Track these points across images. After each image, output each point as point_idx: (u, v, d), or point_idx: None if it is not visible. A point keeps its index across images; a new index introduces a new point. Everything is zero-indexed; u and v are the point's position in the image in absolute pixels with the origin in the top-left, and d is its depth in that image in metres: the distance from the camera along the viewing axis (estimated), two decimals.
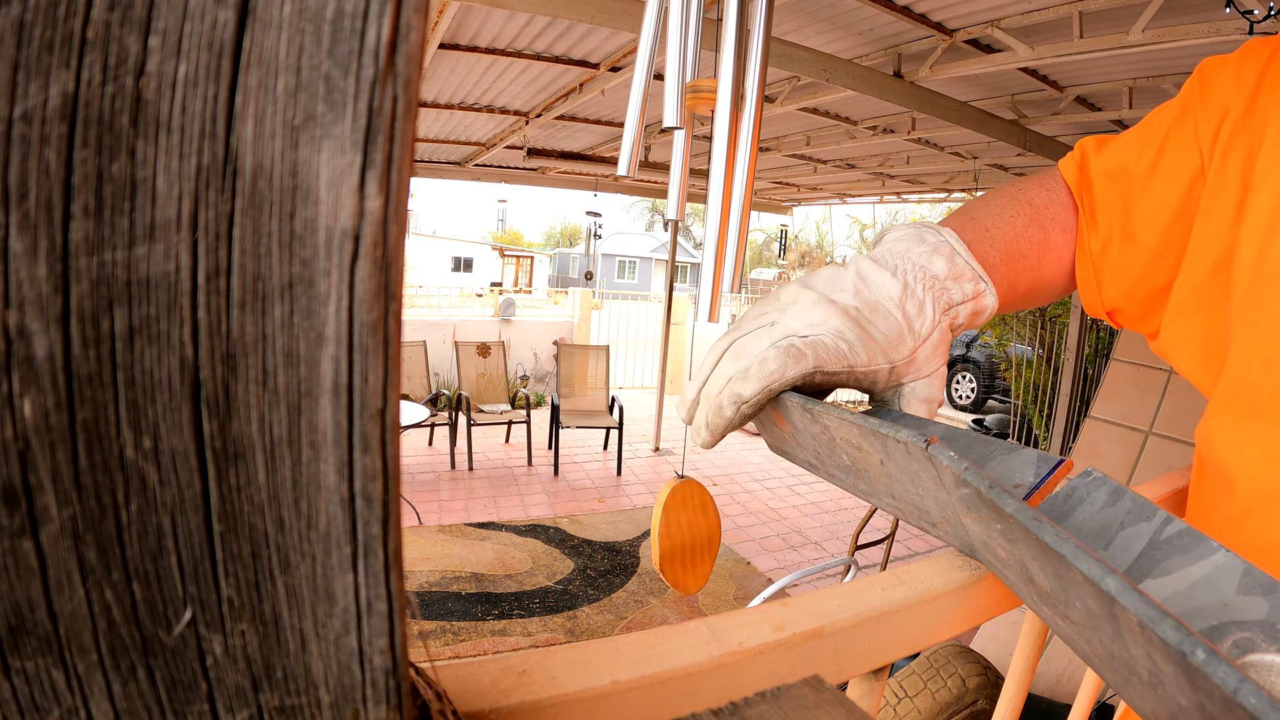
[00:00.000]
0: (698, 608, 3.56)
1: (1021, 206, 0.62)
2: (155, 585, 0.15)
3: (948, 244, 0.54)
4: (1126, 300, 0.61)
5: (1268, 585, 0.27)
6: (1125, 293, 0.61)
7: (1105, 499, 0.35)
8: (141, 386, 0.14)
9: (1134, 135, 0.61)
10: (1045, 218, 0.62)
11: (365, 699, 0.17)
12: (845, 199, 8.48)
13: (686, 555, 0.58)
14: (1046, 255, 0.62)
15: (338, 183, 0.14)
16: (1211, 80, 0.56)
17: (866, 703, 0.35)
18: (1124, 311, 0.62)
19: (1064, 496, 0.36)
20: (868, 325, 0.49)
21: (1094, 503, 0.35)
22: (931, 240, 0.54)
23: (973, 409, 8.91)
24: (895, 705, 1.84)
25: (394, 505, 0.16)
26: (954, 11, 2.88)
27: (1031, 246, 0.60)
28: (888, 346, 0.50)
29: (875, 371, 0.49)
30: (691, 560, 0.58)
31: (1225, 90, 0.54)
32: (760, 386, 0.45)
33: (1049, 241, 0.62)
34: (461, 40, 3.52)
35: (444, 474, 5.29)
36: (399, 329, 0.15)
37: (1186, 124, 0.57)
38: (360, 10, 0.13)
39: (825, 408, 0.41)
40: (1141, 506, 0.33)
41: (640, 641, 0.27)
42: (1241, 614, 0.27)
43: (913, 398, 0.51)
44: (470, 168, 6.93)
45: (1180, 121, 0.58)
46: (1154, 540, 0.31)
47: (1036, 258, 0.60)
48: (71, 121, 0.13)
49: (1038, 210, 0.62)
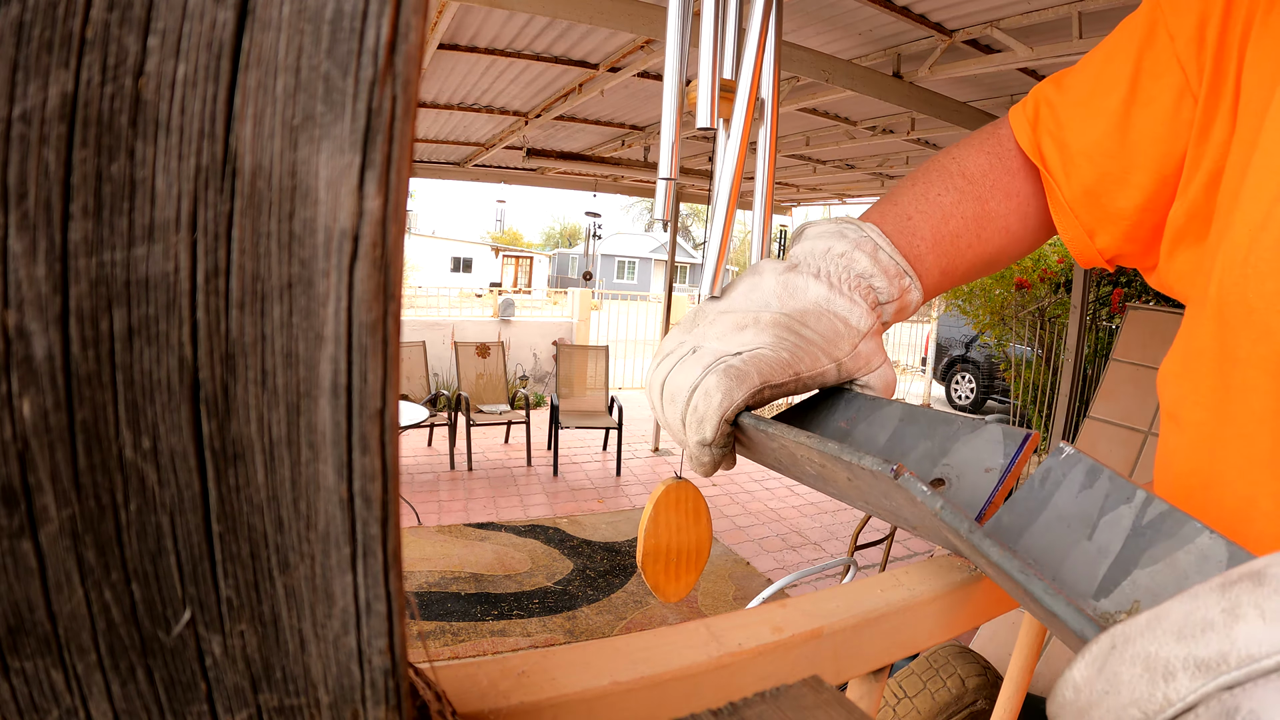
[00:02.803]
0: (697, 609, 3.56)
1: (952, 180, 0.58)
2: (154, 585, 0.15)
3: (869, 239, 0.52)
4: (1128, 244, 0.56)
5: None
6: (1125, 236, 0.56)
7: (1082, 480, 0.34)
8: (140, 387, 0.14)
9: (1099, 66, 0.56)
10: (981, 188, 0.58)
11: (364, 699, 0.17)
12: (844, 199, 8.48)
13: (671, 560, 0.57)
14: (987, 227, 0.58)
15: (337, 183, 0.14)
16: None
17: (866, 703, 0.35)
18: (1127, 255, 0.58)
19: (1040, 480, 0.36)
20: (801, 329, 0.48)
21: (1072, 484, 0.34)
22: (852, 236, 0.52)
23: (972, 409, 8.91)
24: (895, 706, 1.84)
25: (393, 506, 0.16)
26: (953, 12, 2.88)
27: (965, 224, 0.57)
28: (828, 345, 0.48)
29: (823, 373, 0.47)
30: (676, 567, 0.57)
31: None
32: (716, 421, 0.43)
33: (987, 212, 0.58)
34: (461, 40, 3.52)
35: (443, 474, 5.28)
36: (398, 329, 0.15)
37: (1158, 40, 0.52)
38: (359, 10, 0.13)
39: (781, 430, 0.40)
40: (1119, 487, 0.33)
41: (639, 642, 0.27)
42: None
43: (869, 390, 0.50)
44: (469, 168, 6.93)
45: (1150, 39, 0.52)
46: (1137, 526, 0.31)
47: (974, 234, 0.57)
48: (71, 121, 0.13)
49: (971, 181, 0.58)
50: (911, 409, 0.44)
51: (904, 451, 0.43)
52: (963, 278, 0.59)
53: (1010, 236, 0.59)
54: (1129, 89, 0.53)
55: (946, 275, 0.57)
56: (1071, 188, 0.56)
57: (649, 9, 2.73)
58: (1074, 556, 0.32)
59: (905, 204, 0.56)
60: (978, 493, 0.38)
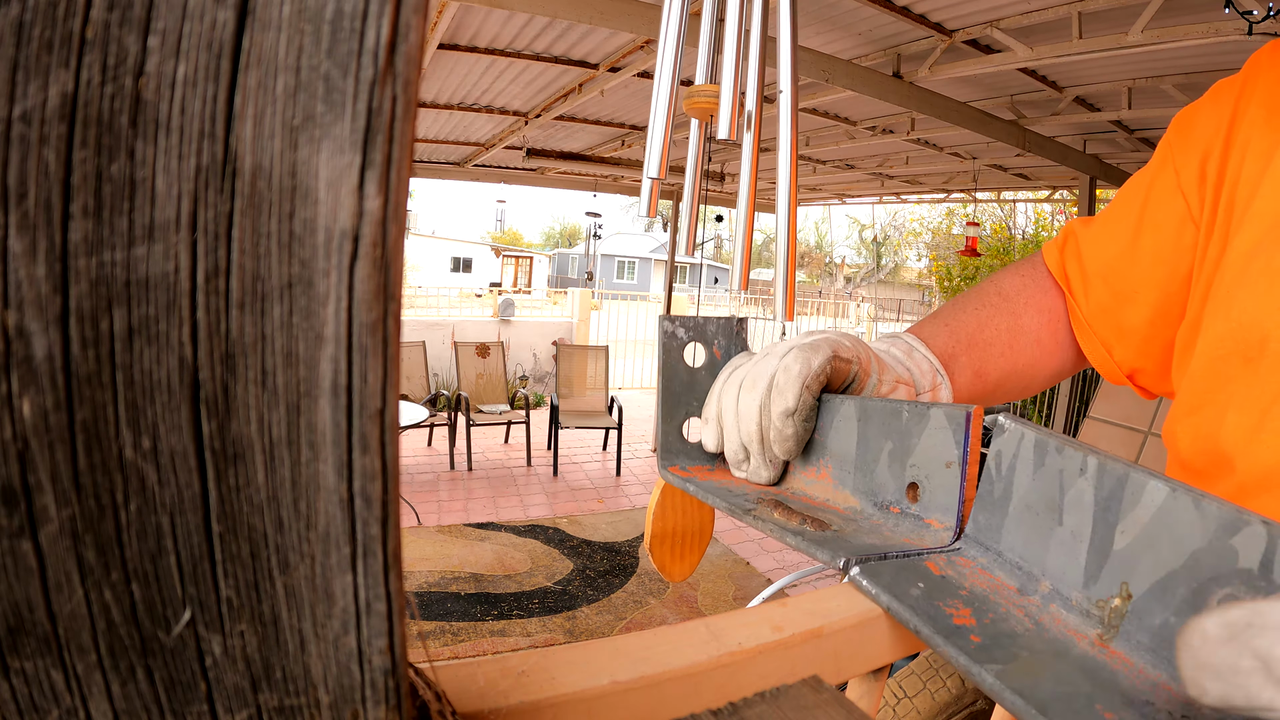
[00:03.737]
0: (697, 608, 3.56)
1: (989, 298, 0.64)
2: (154, 585, 0.15)
3: (905, 341, 0.56)
4: (1142, 359, 0.61)
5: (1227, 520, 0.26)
6: (1139, 351, 0.61)
7: (1033, 459, 0.34)
8: (141, 387, 0.14)
9: (1117, 200, 0.62)
10: (1015, 304, 0.64)
11: (364, 699, 0.17)
12: (844, 199, 8.48)
13: (677, 541, 0.59)
14: (1019, 339, 0.63)
15: (337, 183, 0.14)
16: (1188, 126, 0.57)
17: (866, 703, 0.35)
18: (1144, 371, 0.63)
19: (996, 467, 0.36)
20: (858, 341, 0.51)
21: (1025, 465, 0.34)
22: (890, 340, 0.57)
23: None
24: (894, 706, 1.84)
25: (393, 505, 0.16)
26: (953, 12, 2.88)
27: (999, 333, 0.61)
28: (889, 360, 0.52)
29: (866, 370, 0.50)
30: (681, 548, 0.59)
31: (1204, 130, 0.55)
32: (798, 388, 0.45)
33: (1020, 326, 0.63)
34: (461, 40, 3.52)
35: (443, 474, 5.28)
36: (398, 329, 0.15)
37: (1166, 173, 0.58)
38: (359, 10, 0.13)
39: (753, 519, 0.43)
40: (1070, 460, 0.32)
41: (639, 642, 0.27)
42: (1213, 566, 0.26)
43: None
44: (469, 168, 6.93)
45: (1160, 172, 0.58)
46: (1099, 499, 0.30)
47: (1006, 343, 0.62)
48: (71, 121, 0.13)
49: (1006, 298, 0.64)
50: (863, 405, 0.45)
51: (873, 458, 0.43)
52: (996, 385, 0.62)
53: (1042, 349, 0.64)
54: (1139, 216, 0.59)
55: (979, 378, 0.60)
56: (1090, 305, 0.62)
57: (649, 9, 2.73)
58: (1053, 548, 0.32)
59: (943, 316, 0.62)
60: (949, 491, 0.38)
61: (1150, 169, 0.60)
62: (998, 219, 13.11)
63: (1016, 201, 10.21)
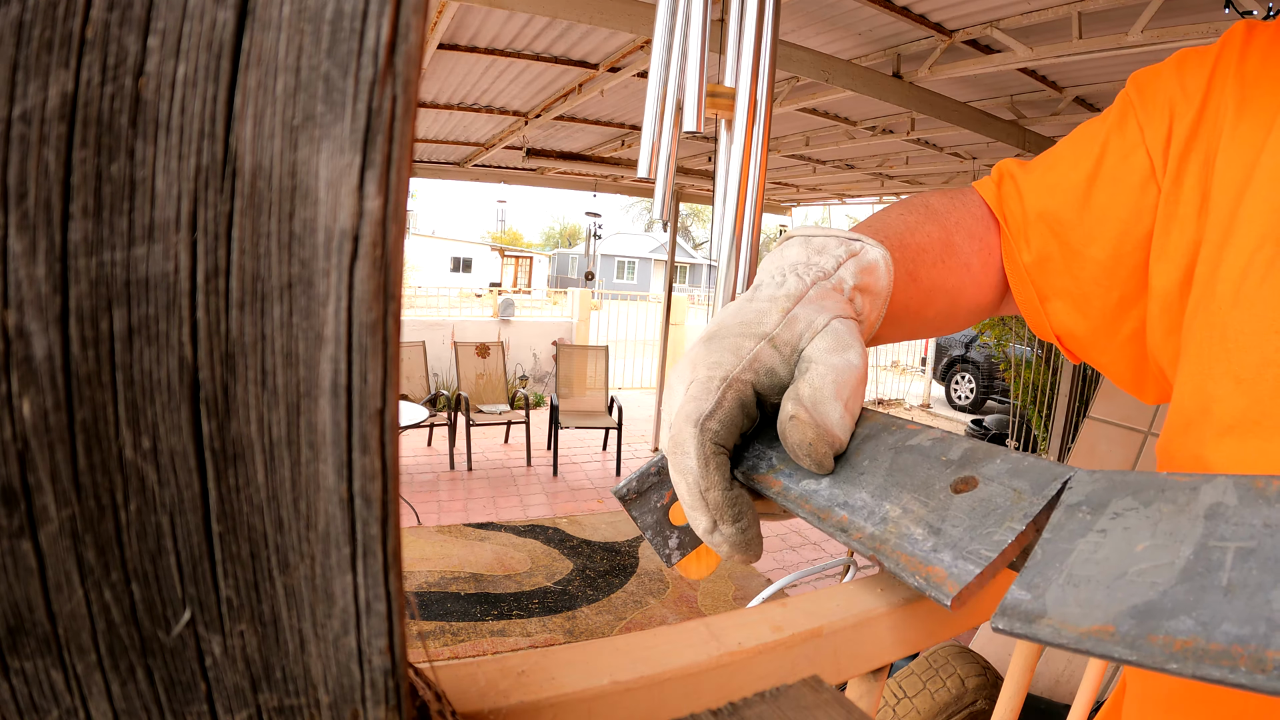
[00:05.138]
0: (697, 608, 3.56)
1: (915, 208, 0.57)
2: (154, 586, 0.15)
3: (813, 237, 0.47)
4: (1079, 322, 0.57)
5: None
6: (1078, 312, 0.56)
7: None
8: (140, 387, 0.14)
9: (1064, 148, 0.58)
10: (945, 220, 0.57)
11: (364, 699, 0.17)
12: (844, 199, 8.48)
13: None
14: (951, 256, 0.56)
15: (337, 183, 0.14)
16: (1149, 86, 0.54)
17: (865, 703, 0.35)
18: (1077, 338, 0.57)
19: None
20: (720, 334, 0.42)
21: None
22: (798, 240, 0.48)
23: (972, 409, 8.91)
24: (894, 706, 1.84)
25: (393, 505, 0.16)
26: (953, 12, 2.88)
27: (930, 242, 0.54)
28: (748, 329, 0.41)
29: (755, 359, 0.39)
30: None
31: (1169, 93, 0.52)
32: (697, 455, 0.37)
33: (952, 242, 0.56)
34: (461, 40, 3.52)
35: (443, 474, 5.28)
36: (398, 329, 0.15)
37: (1128, 128, 0.53)
38: (359, 10, 0.13)
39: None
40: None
41: (639, 642, 0.27)
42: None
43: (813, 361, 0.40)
44: (469, 168, 6.93)
45: (1120, 127, 0.54)
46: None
47: (938, 254, 0.55)
48: (70, 121, 0.13)
49: (934, 212, 0.57)
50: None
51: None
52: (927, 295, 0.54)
53: (970, 276, 0.58)
54: (1093, 167, 0.55)
55: (913, 280, 0.52)
56: (1030, 252, 0.57)
57: (649, 9, 2.73)
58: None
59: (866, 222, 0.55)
60: None
61: (1106, 121, 0.55)
62: None
63: None
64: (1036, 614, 0.24)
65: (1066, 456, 4.25)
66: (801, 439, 0.36)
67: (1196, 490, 0.25)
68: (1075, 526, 0.27)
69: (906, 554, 0.30)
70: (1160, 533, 0.24)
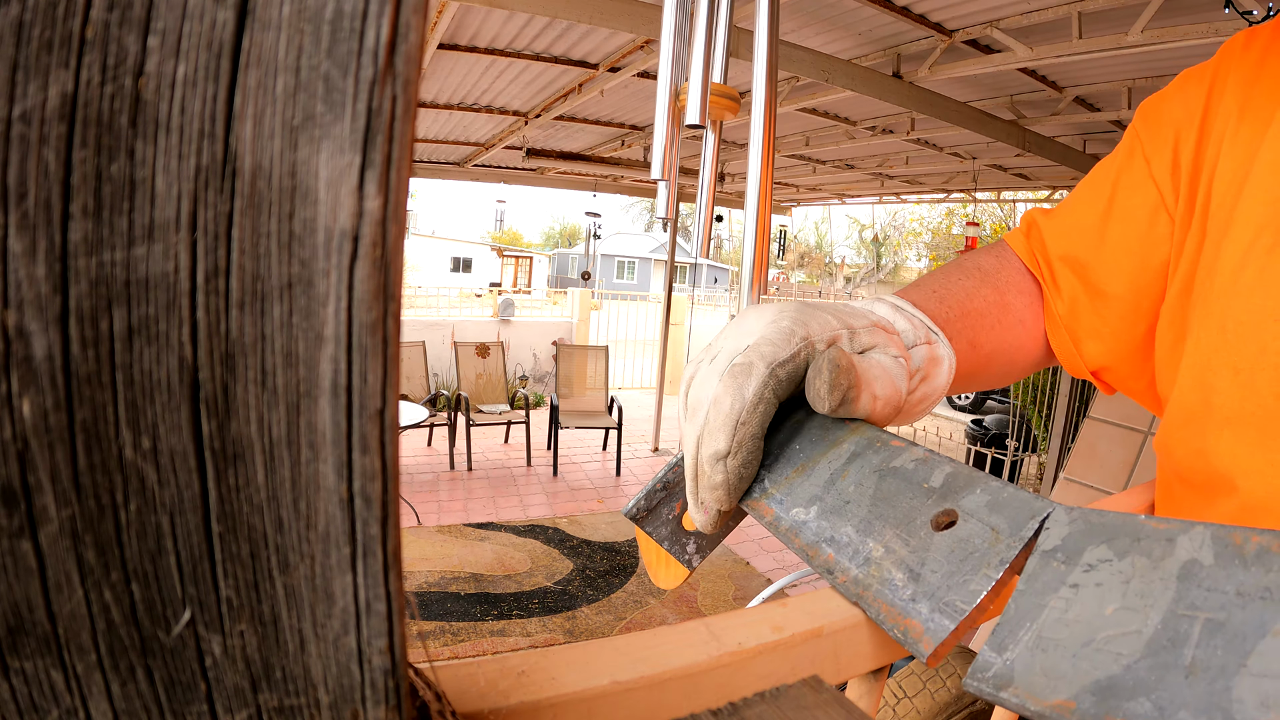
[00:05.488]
0: (697, 608, 3.56)
1: (970, 271, 0.59)
2: (154, 586, 0.15)
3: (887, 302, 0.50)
4: (1110, 356, 0.59)
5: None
6: (1108, 349, 0.58)
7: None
8: (140, 387, 0.14)
9: (1080, 190, 0.60)
10: (999, 279, 0.60)
11: (364, 699, 0.17)
12: (844, 199, 8.49)
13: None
14: (1006, 316, 0.58)
15: (336, 183, 0.14)
16: (1153, 115, 0.55)
17: (866, 703, 0.35)
18: (1112, 370, 0.59)
19: None
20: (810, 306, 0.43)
21: None
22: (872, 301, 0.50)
23: (972, 409, 8.91)
24: (894, 706, 1.84)
25: (393, 505, 0.16)
26: (953, 12, 2.89)
27: (988, 306, 0.57)
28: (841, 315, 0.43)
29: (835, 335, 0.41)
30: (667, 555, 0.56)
31: (1173, 119, 0.53)
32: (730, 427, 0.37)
33: (1006, 303, 0.58)
34: (461, 40, 3.52)
35: (443, 474, 5.28)
36: (398, 329, 0.15)
37: (1135, 163, 0.55)
38: (359, 10, 0.13)
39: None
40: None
41: (639, 642, 0.27)
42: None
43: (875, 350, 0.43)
44: (469, 168, 6.93)
45: (1129, 163, 0.56)
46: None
47: (995, 317, 0.57)
48: (70, 121, 0.13)
49: (987, 274, 0.60)
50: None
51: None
52: (987, 359, 0.56)
53: (1026, 332, 0.60)
54: (1106, 206, 0.57)
55: (974, 348, 0.54)
56: (1062, 301, 0.60)
57: (649, 9, 2.73)
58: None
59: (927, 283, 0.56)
60: None
61: (1116, 158, 0.57)
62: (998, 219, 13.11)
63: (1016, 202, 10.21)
64: (1004, 681, 0.25)
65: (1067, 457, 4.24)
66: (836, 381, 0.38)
67: (1173, 542, 0.24)
68: (1049, 578, 0.27)
69: (887, 604, 0.31)
70: (1131, 593, 0.24)
